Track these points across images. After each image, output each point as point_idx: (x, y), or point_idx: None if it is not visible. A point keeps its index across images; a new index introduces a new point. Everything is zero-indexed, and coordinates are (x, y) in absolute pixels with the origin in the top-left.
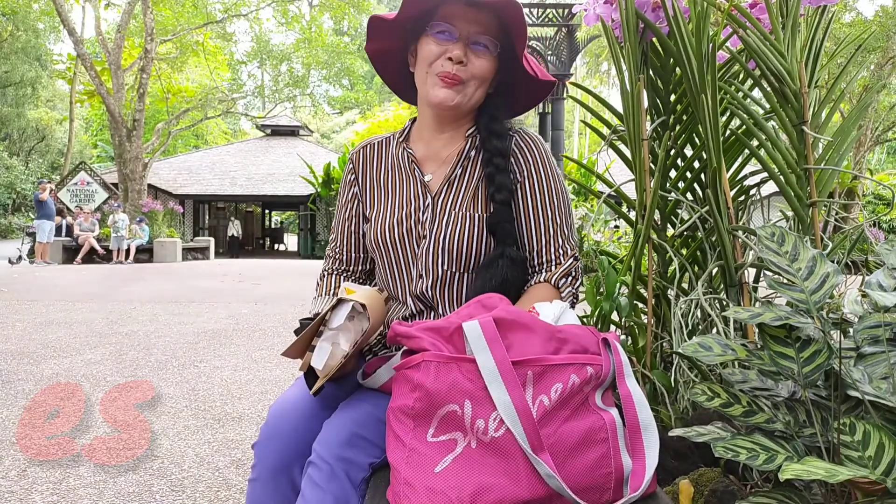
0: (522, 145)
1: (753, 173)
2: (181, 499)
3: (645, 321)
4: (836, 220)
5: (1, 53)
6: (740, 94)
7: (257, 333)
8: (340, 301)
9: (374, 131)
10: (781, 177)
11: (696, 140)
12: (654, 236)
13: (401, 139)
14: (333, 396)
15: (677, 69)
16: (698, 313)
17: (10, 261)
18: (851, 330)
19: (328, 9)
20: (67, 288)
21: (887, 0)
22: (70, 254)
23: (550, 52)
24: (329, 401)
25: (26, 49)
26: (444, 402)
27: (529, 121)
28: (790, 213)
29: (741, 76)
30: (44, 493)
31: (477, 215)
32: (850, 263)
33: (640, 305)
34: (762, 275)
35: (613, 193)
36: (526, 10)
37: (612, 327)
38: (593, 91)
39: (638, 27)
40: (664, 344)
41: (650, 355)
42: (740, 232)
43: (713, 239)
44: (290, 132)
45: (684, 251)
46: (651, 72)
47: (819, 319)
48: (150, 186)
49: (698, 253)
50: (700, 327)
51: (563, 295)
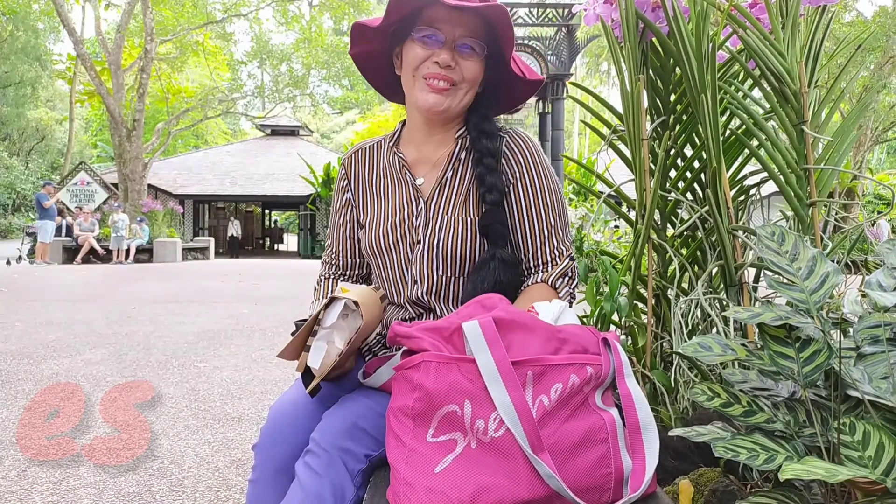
0: (513, 146)
1: (753, 173)
2: (181, 499)
3: (645, 321)
4: (836, 220)
5: (1, 53)
6: (740, 94)
7: (257, 333)
8: (333, 299)
9: (374, 131)
10: (781, 177)
11: (696, 140)
12: (654, 236)
13: (391, 143)
14: (333, 396)
15: (677, 69)
16: (698, 313)
17: (8, 261)
18: (851, 330)
19: (328, 9)
20: (67, 288)
21: (887, 0)
22: (70, 254)
23: (550, 52)
24: (329, 401)
25: (26, 49)
26: (444, 403)
27: (529, 120)
28: (790, 213)
29: (741, 76)
30: (44, 493)
31: (469, 219)
32: (850, 263)
33: (640, 305)
34: (762, 275)
35: (613, 193)
36: (526, 10)
37: (612, 327)
38: (593, 91)
39: (638, 27)
40: (664, 344)
41: (650, 355)
42: (740, 232)
43: (713, 239)
44: (290, 132)
45: (684, 251)
46: (651, 72)
47: (819, 319)
48: (150, 186)
49: (698, 253)
50: (700, 327)
51: (561, 295)
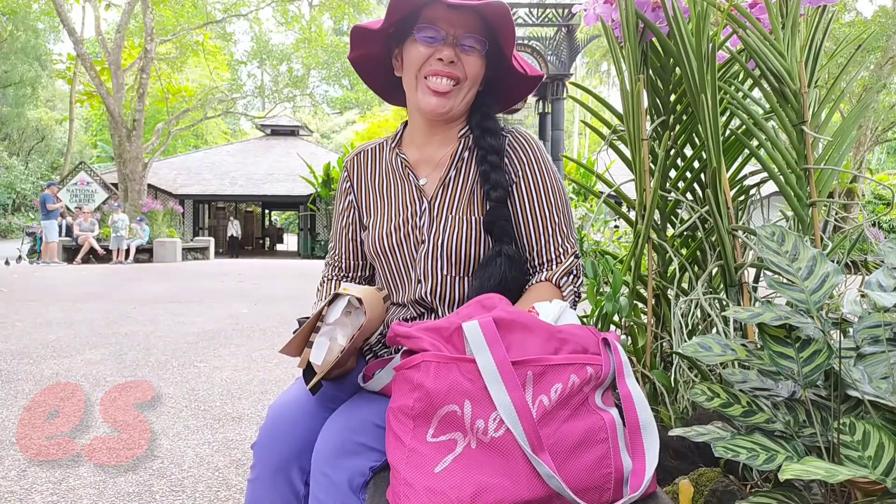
0: (516, 145)
1: (753, 173)
2: (181, 499)
3: (645, 321)
4: (836, 220)
5: (1, 53)
6: (740, 94)
7: (257, 333)
8: (337, 296)
9: (374, 131)
10: (781, 177)
11: (696, 140)
12: (654, 236)
13: (393, 144)
14: (333, 396)
15: (677, 69)
16: (698, 313)
17: (7, 261)
18: (851, 330)
19: (328, 9)
20: (67, 288)
21: (887, 0)
22: (70, 254)
23: (550, 52)
24: (329, 401)
25: (26, 49)
26: (444, 403)
27: (529, 120)
28: (790, 213)
29: (741, 76)
30: (44, 493)
31: (473, 218)
32: (850, 263)
33: (640, 305)
34: (762, 275)
35: (613, 193)
36: (526, 10)
37: (612, 327)
38: (593, 91)
39: (638, 27)
40: (664, 344)
41: (650, 355)
42: (740, 232)
43: (713, 239)
44: (290, 132)
45: (684, 251)
46: (651, 72)
47: (819, 319)
48: (150, 186)
49: (698, 253)
50: (700, 327)
51: (565, 294)
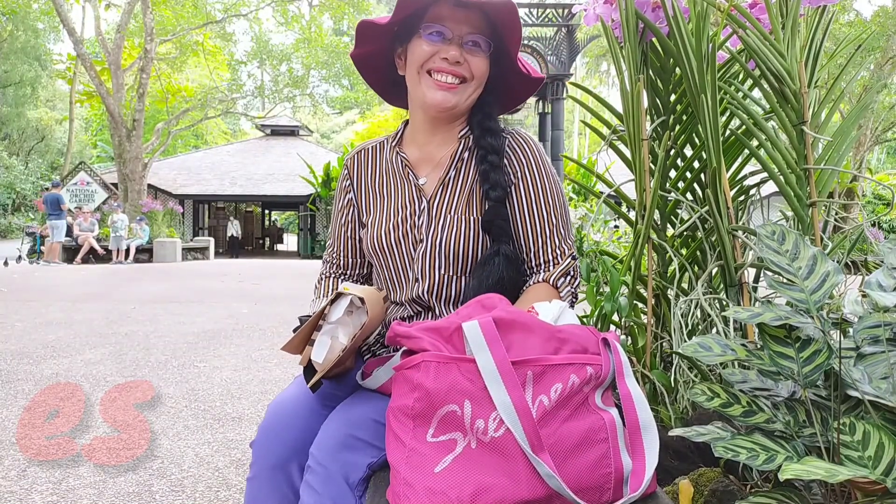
0: (516, 146)
1: (753, 173)
2: (181, 499)
3: (645, 321)
4: (836, 220)
5: (1, 53)
6: (740, 94)
7: (257, 333)
8: (339, 295)
9: (374, 131)
10: (781, 177)
11: (696, 140)
12: (654, 236)
13: (394, 143)
14: (332, 395)
15: (677, 69)
16: (698, 313)
17: (6, 262)
18: (851, 330)
19: (328, 9)
20: (67, 288)
21: (886, 0)
22: (70, 254)
23: (550, 52)
24: (327, 399)
25: (26, 49)
26: (444, 403)
27: (529, 120)
28: (790, 213)
29: (741, 76)
30: (44, 493)
31: (472, 218)
32: (850, 263)
33: (640, 305)
34: (762, 275)
35: (613, 193)
36: (526, 10)
37: (612, 327)
38: (593, 91)
39: (638, 27)
40: (664, 344)
41: (650, 355)
42: (740, 232)
43: (713, 239)
44: (290, 132)
45: (684, 251)
46: (651, 72)
47: (819, 319)
48: (150, 186)
49: (698, 253)
50: (700, 327)
51: (563, 294)
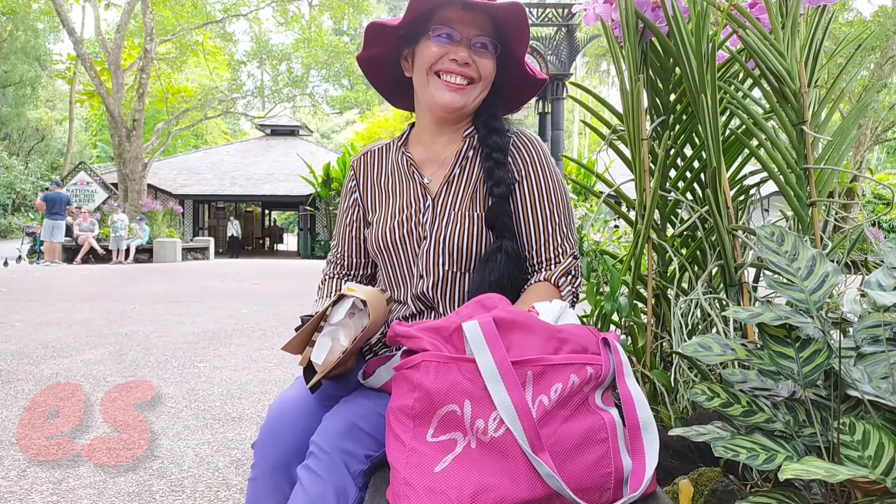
0: (520, 145)
1: (753, 173)
2: (181, 499)
3: (645, 321)
4: (836, 220)
5: (1, 53)
6: (740, 94)
7: (257, 333)
8: (341, 297)
9: (374, 131)
10: (781, 176)
11: (696, 140)
12: (654, 236)
13: (400, 144)
14: (333, 396)
15: (677, 69)
16: (698, 313)
17: (6, 262)
18: (851, 329)
19: (328, 9)
20: (67, 288)
21: (887, 0)
22: (70, 254)
23: (550, 52)
24: (328, 400)
25: (26, 49)
26: (444, 402)
27: (529, 120)
28: (790, 213)
29: (741, 76)
30: (44, 493)
31: (476, 215)
32: (850, 263)
33: (640, 305)
34: (762, 275)
35: (613, 193)
36: (525, 10)
37: (612, 327)
38: (593, 91)
39: (637, 27)
40: (664, 344)
41: (650, 355)
42: (740, 232)
43: (713, 239)
44: (290, 132)
45: (684, 251)
46: (651, 72)
47: (819, 319)
48: (150, 186)
49: (698, 253)
50: (700, 327)
51: (563, 294)
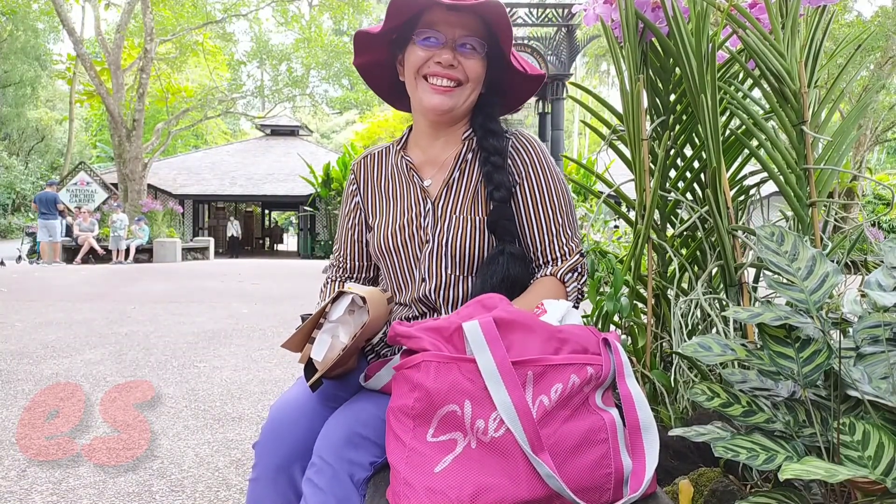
0: (519, 147)
1: (753, 173)
2: (181, 499)
3: (645, 321)
4: (836, 220)
5: (1, 53)
6: (740, 94)
7: (257, 333)
8: (341, 294)
9: (374, 131)
10: (781, 177)
11: (696, 140)
12: (654, 236)
13: (399, 147)
14: (335, 396)
15: (677, 69)
16: (698, 313)
17: (2, 262)
18: (851, 330)
19: (328, 9)
20: (67, 288)
21: (887, 0)
22: (70, 254)
23: (550, 52)
24: (330, 400)
25: (26, 49)
26: (444, 403)
27: (529, 120)
28: (790, 213)
29: (741, 76)
30: (44, 493)
31: (478, 218)
32: (850, 263)
33: (640, 305)
34: (762, 275)
35: (613, 193)
36: (525, 10)
37: (612, 327)
38: (593, 91)
39: (637, 27)
40: (664, 344)
41: (650, 355)
42: (740, 232)
43: (713, 239)
44: (290, 132)
45: (684, 251)
46: (651, 72)
47: (819, 319)
48: (150, 186)
49: (698, 253)
50: (700, 327)
51: (569, 290)
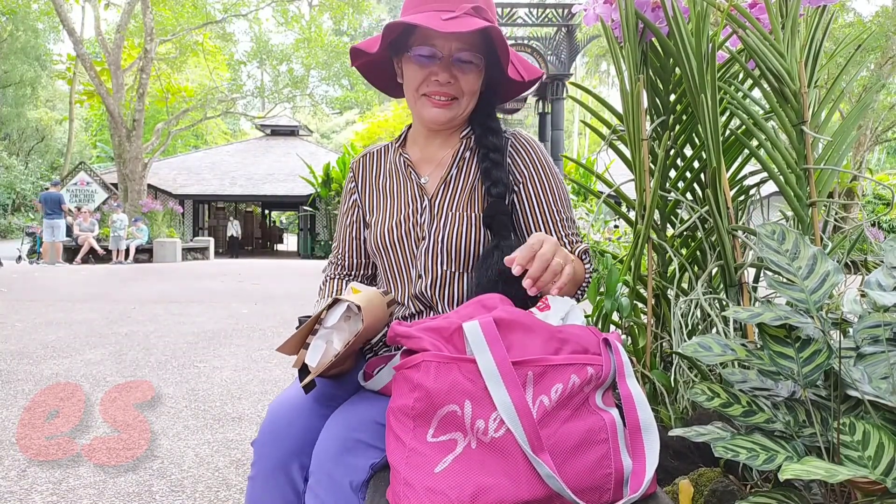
0: (519, 147)
1: (753, 173)
2: (181, 499)
3: (645, 321)
4: (836, 220)
5: (1, 53)
6: (740, 94)
7: (257, 333)
8: (336, 301)
9: (374, 131)
10: (781, 177)
11: (696, 140)
12: (654, 236)
13: (397, 145)
14: (333, 395)
15: (677, 69)
16: (698, 313)
17: (0, 262)
18: (851, 330)
19: (328, 9)
20: (67, 288)
21: (887, 0)
22: (70, 254)
23: (550, 52)
24: (328, 399)
25: (26, 49)
26: (444, 403)
27: (529, 120)
28: (790, 213)
29: (741, 76)
30: (44, 494)
31: (474, 215)
32: (850, 263)
33: (640, 305)
34: (762, 275)
35: (613, 193)
36: (525, 10)
37: (613, 327)
38: (593, 91)
39: (637, 27)
40: (664, 344)
41: (650, 355)
42: (740, 232)
43: (713, 239)
44: (290, 132)
45: (684, 251)
46: (651, 72)
47: (819, 319)
48: (150, 186)
49: (698, 253)
50: (700, 327)
51: (587, 268)
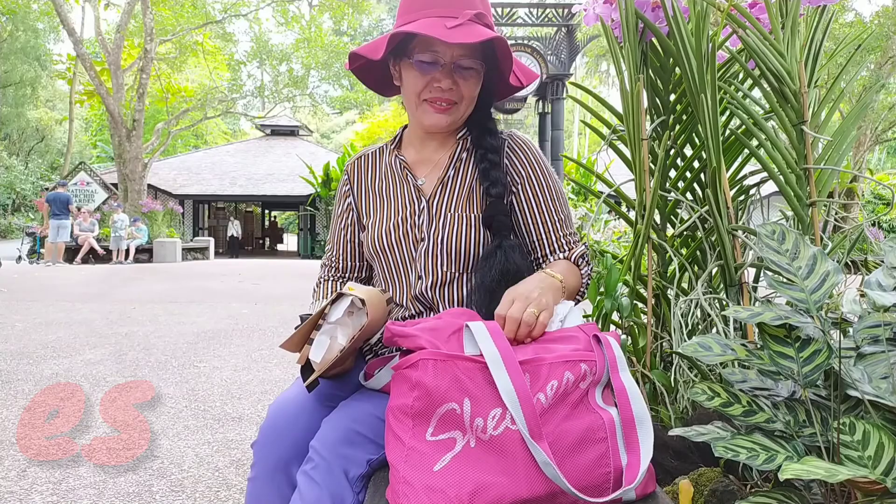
0: (516, 148)
1: (753, 173)
2: (181, 499)
3: (645, 321)
4: (836, 220)
5: (1, 53)
6: (740, 94)
7: (257, 333)
8: (340, 295)
9: (374, 131)
10: (781, 176)
11: (696, 140)
12: (654, 236)
13: (393, 147)
14: (333, 395)
15: (677, 69)
16: (698, 313)
17: None
18: (851, 329)
19: (328, 9)
20: (67, 288)
21: (887, 0)
22: (70, 254)
23: (550, 52)
24: (329, 400)
25: (26, 49)
26: (443, 401)
27: (529, 120)
28: (790, 213)
29: (741, 76)
30: (44, 494)
31: (473, 215)
32: (850, 263)
33: (640, 305)
34: (762, 274)
35: (613, 193)
36: (525, 10)
37: (613, 327)
38: (593, 91)
39: (637, 27)
40: (664, 344)
41: (650, 355)
42: (740, 231)
43: (713, 239)
44: (290, 132)
45: (684, 251)
46: (651, 72)
47: (819, 319)
48: (150, 186)
49: (698, 253)
50: (700, 327)
51: (583, 273)
